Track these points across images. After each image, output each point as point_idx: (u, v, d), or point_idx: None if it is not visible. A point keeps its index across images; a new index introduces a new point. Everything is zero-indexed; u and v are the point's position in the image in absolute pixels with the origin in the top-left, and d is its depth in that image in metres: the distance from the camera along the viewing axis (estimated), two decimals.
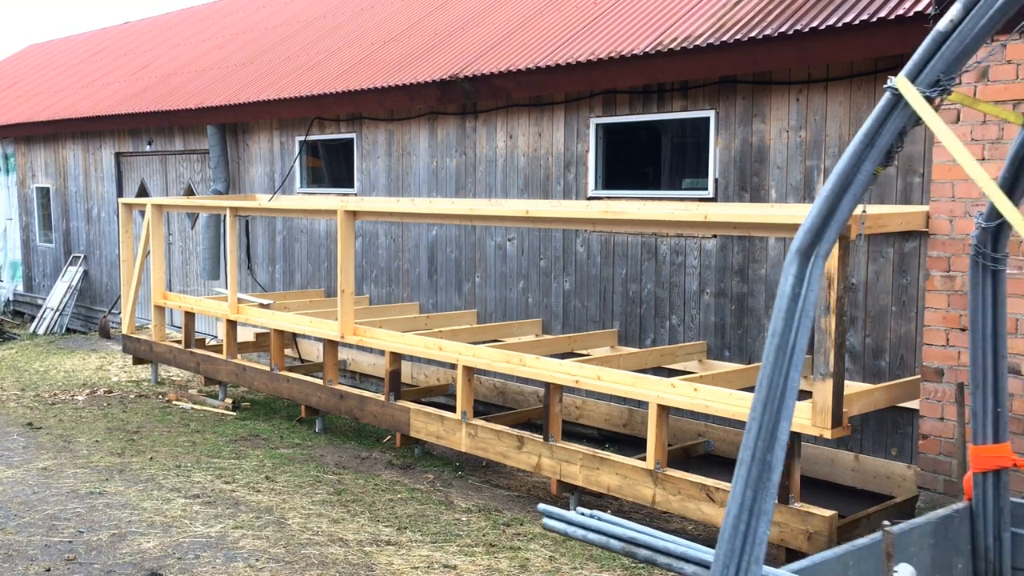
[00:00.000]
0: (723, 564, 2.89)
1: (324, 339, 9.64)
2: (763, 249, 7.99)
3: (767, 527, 2.92)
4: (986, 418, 4.02)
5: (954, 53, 2.96)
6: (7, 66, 26.56)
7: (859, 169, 3.01)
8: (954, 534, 4.01)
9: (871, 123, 2.97)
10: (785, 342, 3.01)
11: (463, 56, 10.44)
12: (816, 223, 3.09)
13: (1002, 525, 4.04)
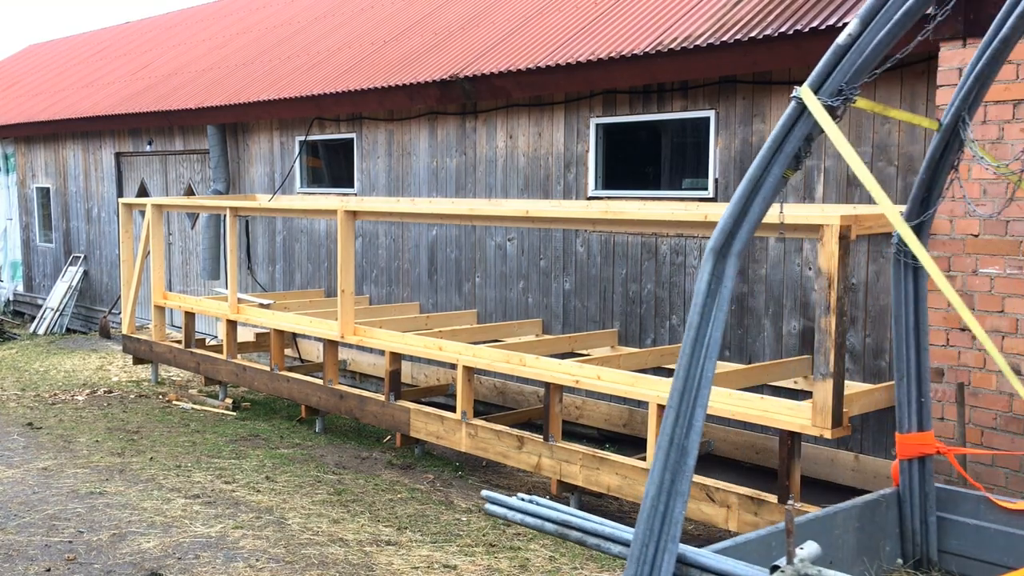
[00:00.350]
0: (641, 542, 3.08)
1: (324, 339, 9.64)
2: (763, 249, 7.99)
3: (683, 507, 3.10)
4: (911, 407, 4.15)
5: (854, 65, 3.12)
6: (7, 66, 26.57)
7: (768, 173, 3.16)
8: (881, 518, 4.14)
9: (778, 130, 3.15)
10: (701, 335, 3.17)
11: (463, 56, 10.44)
12: (728, 224, 3.20)
13: (928, 510, 4.19)
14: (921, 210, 4.08)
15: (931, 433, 4.18)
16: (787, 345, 7.88)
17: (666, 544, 3.09)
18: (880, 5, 3.10)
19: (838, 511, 4.06)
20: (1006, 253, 5.76)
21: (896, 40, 3.19)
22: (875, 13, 3.12)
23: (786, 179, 3.22)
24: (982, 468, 5.87)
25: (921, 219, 4.07)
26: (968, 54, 5.87)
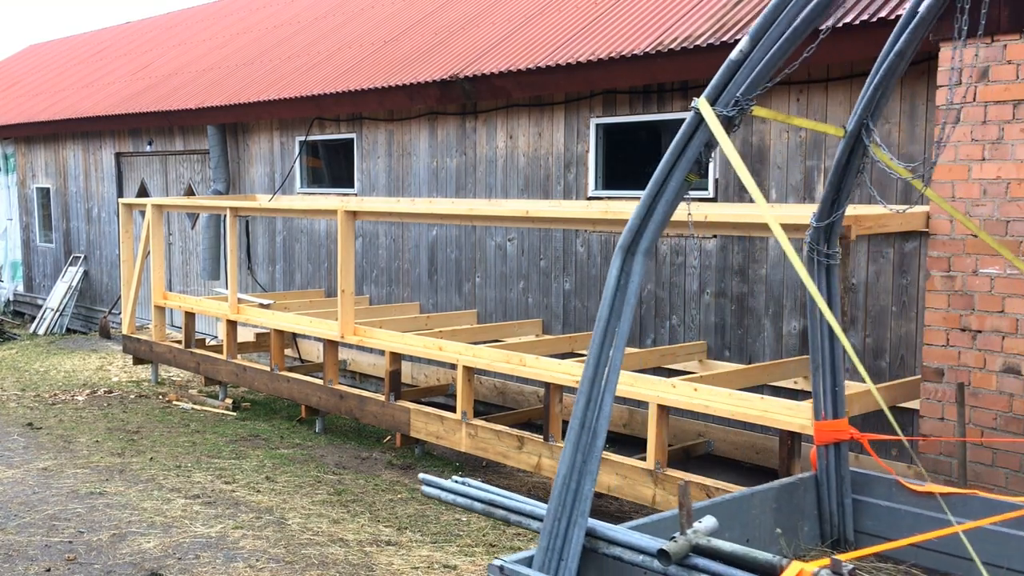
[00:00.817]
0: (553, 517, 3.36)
1: (324, 339, 9.64)
2: (763, 249, 7.99)
3: (592, 485, 3.38)
4: (826, 396, 4.38)
5: (746, 79, 3.35)
6: (7, 66, 26.57)
7: (671, 178, 3.41)
8: (800, 500, 4.37)
9: (679, 137, 3.39)
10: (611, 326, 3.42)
11: (463, 56, 10.44)
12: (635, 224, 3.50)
13: (844, 492, 4.44)
14: (831, 211, 4.33)
15: (845, 420, 4.45)
16: (787, 345, 7.88)
17: (576, 519, 3.36)
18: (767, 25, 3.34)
19: (755, 493, 4.27)
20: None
21: (786, 56, 3.41)
22: (763, 32, 3.37)
23: (689, 183, 3.43)
24: (982, 468, 5.87)
25: (832, 219, 4.32)
26: (968, 54, 5.87)
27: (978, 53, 5.81)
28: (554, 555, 3.39)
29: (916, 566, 4.16)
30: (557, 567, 3.37)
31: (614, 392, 3.38)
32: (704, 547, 3.21)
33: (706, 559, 3.17)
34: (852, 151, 4.17)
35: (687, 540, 3.21)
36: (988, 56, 5.78)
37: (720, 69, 3.40)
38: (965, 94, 5.94)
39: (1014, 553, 3.84)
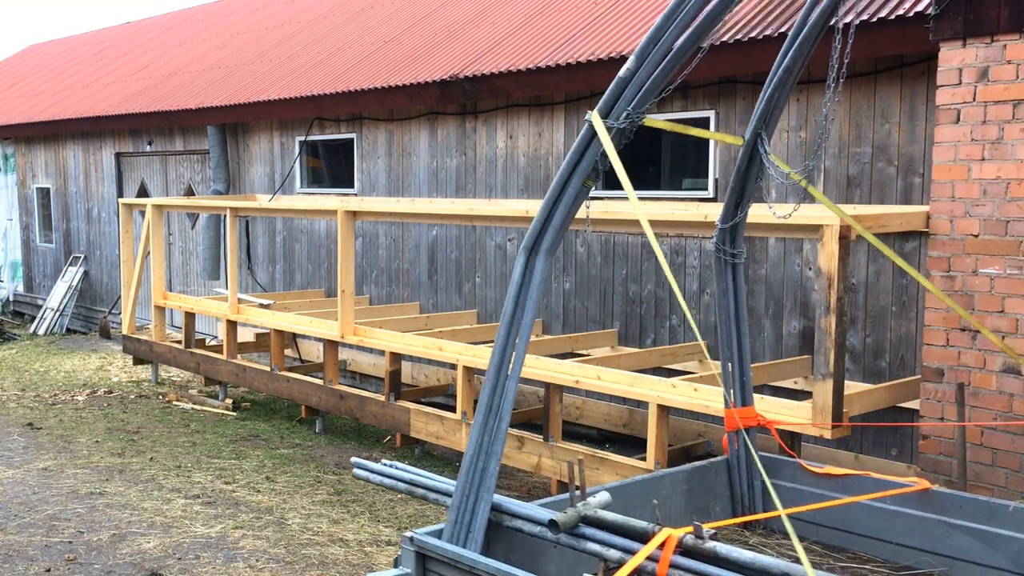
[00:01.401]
0: (461, 493, 3.71)
1: (324, 339, 9.64)
2: (763, 249, 7.99)
3: (496, 464, 3.77)
4: (735, 386, 4.69)
5: (635, 94, 3.69)
6: (7, 66, 26.57)
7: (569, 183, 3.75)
8: (711, 482, 4.70)
9: (576, 147, 3.74)
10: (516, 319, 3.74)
11: (463, 56, 10.44)
12: (537, 226, 3.76)
13: (753, 475, 4.75)
14: (735, 214, 4.65)
15: (753, 408, 4.75)
16: (787, 345, 7.88)
17: (483, 495, 3.71)
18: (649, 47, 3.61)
19: (665, 475, 4.62)
20: (1006, 253, 5.76)
21: (671, 74, 3.71)
22: (646, 54, 3.65)
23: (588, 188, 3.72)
24: (982, 468, 5.87)
25: (735, 221, 4.66)
26: (968, 54, 5.88)
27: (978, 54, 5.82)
28: (463, 528, 3.70)
29: (817, 543, 4.51)
30: (465, 539, 3.67)
31: (518, 379, 3.76)
32: (591, 517, 3.60)
33: (592, 528, 3.55)
34: (751, 159, 4.49)
35: (576, 512, 3.59)
36: (988, 56, 5.78)
37: (610, 86, 3.67)
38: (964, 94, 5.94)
39: (901, 529, 4.24)
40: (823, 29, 4.19)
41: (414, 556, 3.66)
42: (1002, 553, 4.00)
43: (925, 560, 4.21)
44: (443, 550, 3.57)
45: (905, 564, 4.23)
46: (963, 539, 4.12)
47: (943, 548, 4.17)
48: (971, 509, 4.12)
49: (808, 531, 4.58)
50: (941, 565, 4.15)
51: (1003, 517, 4.05)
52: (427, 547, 3.61)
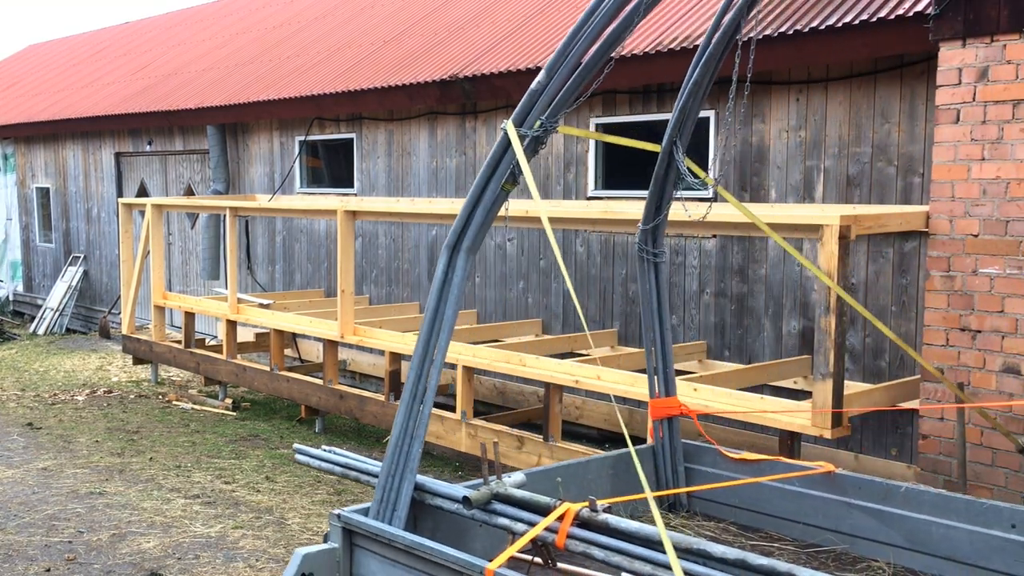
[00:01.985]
0: (387, 473, 4.01)
1: (324, 339, 9.64)
2: (763, 249, 7.99)
3: (420, 447, 4.04)
4: (659, 377, 5.00)
5: (546, 106, 3.98)
6: (7, 66, 26.57)
7: (488, 188, 3.97)
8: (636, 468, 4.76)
9: (492, 154, 3.97)
10: (439, 314, 4.03)
11: (463, 56, 10.44)
12: (459, 226, 4.03)
13: (677, 461, 5.08)
14: (655, 216, 4.98)
15: (676, 397, 5.05)
16: (787, 345, 7.88)
17: (407, 475, 4.00)
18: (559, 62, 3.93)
19: (591, 460, 4.92)
20: (1006, 253, 5.76)
21: (581, 87, 4.01)
22: (556, 68, 3.96)
23: (506, 191, 3.99)
24: (982, 468, 5.87)
25: (655, 223, 4.99)
26: (968, 54, 5.88)
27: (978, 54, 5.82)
28: (388, 506, 4.00)
29: (734, 523, 4.84)
30: (391, 516, 3.98)
31: (440, 368, 4.03)
32: (502, 495, 3.90)
33: (502, 504, 3.86)
34: (668, 166, 4.81)
35: (488, 489, 3.89)
36: (988, 56, 5.79)
37: (523, 97, 3.97)
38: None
39: (808, 509, 4.58)
40: (727, 47, 4.52)
41: (341, 531, 3.93)
42: (896, 531, 4.30)
43: (829, 538, 4.52)
44: (366, 525, 3.87)
45: (812, 542, 4.54)
46: (862, 518, 4.41)
47: (844, 527, 4.47)
48: (869, 490, 4.41)
49: (726, 513, 4.92)
50: (843, 543, 4.46)
51: (896, 498, 4.35)
52: (352, 523, 3.89)
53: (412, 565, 3.66)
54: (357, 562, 3.94)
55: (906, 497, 4.33)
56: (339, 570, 3.95)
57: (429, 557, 3.58)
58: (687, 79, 4.64)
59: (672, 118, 4.73)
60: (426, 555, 3.59)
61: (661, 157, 4.80)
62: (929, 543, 4.19)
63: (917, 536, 4.24)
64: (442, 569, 3.54)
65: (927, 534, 4.19)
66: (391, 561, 3.78)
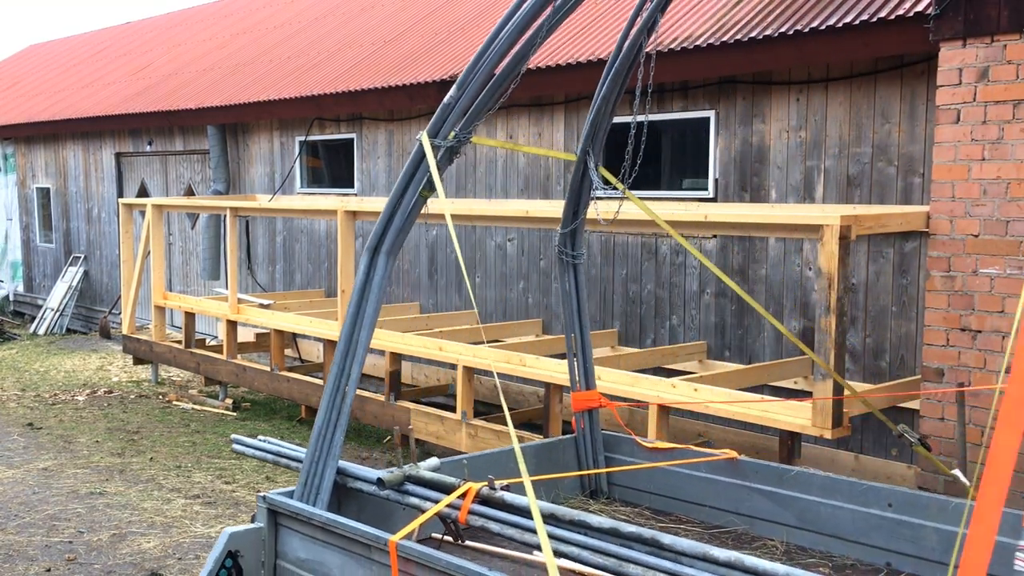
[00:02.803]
0: (311, 459, 4.30)
1: (324, 339, 9.63)
2: (763, 249, 7.99)
3: (342, 435, 4.35)
4: (579, 372, 5.30)
5: (458, 118, 4.18)
6: (7, 66, 26.57)
7: (406, 194, 4.26)
8: (559, 457, 5.33)
9: (409, 163, 4.23)
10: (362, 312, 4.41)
11: (463, 56, 10.44)
12: (379, 230, 4.30)
13: (597, 451, 5.38)
14: (572, 220, 5.30)
15: (596, 391, 5.34)
16: (787, 345, 7.88)
17: (329, 461, 4.29)
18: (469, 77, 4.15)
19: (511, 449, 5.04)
20: (1006, 253, 5.76)
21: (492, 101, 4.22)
22: (466, 83, 4.17)
23: (424, 197, 4.26)
24: (982, 468, 5.87)
25: (573, 226, 5.32)
26: (968, 54, 5.88)
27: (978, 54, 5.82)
28: (312, 489, 4.30)
29: (648, 508, 5.15)
30: (315, 499, 4.25)
31: (362, 362, 4.46)
32: (414, 476, 4.23)
33: (413, 484, 4.20)
34: (583, 174, 5.12)
35: (402, 471, 4.23)
36: (988, 56, 5.78)
37: (437, 110, 4.21)
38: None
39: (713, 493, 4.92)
40: (633, 61, 4.85)
41: (266, 512, 4.24)
42: (789, 511, 4.62)
43: (731, 520, 4.85)
44: (287, 505, 4.18)
45: (716, 524, 4.88)
46: (760, 500, 4.75)
47: (745, 509, 4.81)
48: (766, 475, 4.74)
49: (642, 498, 5.27)
50: (744, 523, 4.81)
51: (788, 481, 4.68)
52: (276, 504, 4.20)
53: (328, 541, 3.98)
54: (281, 540, 4.24)
55: (797, 480, 4.64)
56: (264, 548, 4.23)
57: (342, 532, 3.89)
58: (596, 95, 4.96)
59: (584, 130, 5.03)
60: (339, 530, 3.90)
61: (576, 166, 5.14)
62: (817, 522, 4.46)
63: (807, 516, 4.54)
64: (353, 543, 3.85)
65: (816, 514, 4.47)
66: (310, 538, 4.08)
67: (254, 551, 4.23)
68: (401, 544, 3.60)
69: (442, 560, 3.45)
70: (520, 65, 4.28)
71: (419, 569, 3.54)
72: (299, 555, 4.15)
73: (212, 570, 4.11)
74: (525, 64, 4.30)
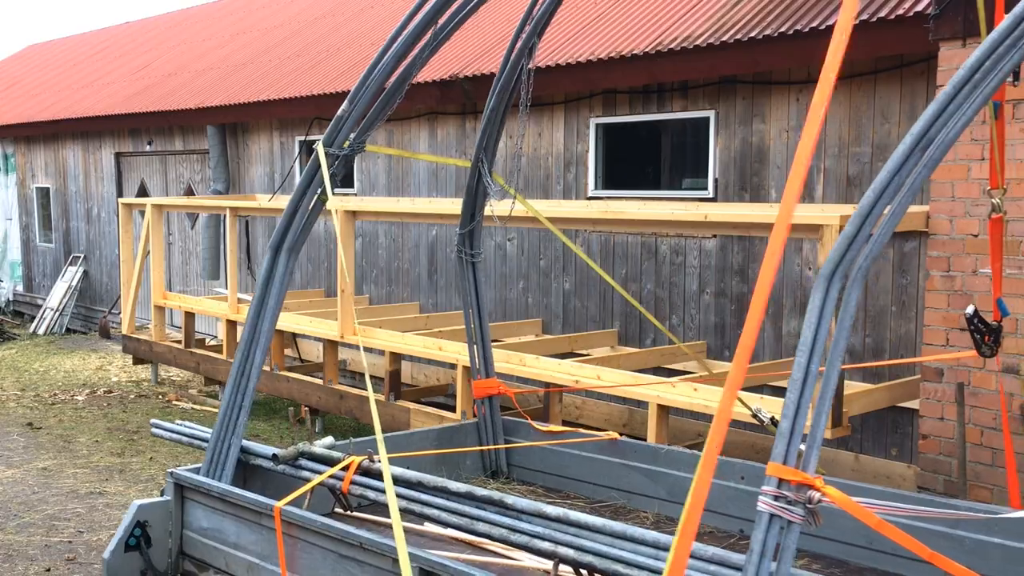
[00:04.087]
0: (216, 437, 4.79)
1: (324, 339, 9.64)
2: (763, 249, 7.99)
3: (246, 416, 4.83)
4: (480, 362, 5.83)
5: (351, 130, 4.66)
6: (7, 66, 26.57)
7: (304, 197, 4.71)
8: (461, 441, 5.78)
9: (308, 169, 4.66)
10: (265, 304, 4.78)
11: (463, 56, 10.44)
12: (281, 230, 4.74)
13: (497, 434, 5.86)
14: (470, 220, 5.73)
15: (495, 379, 5.88)
16: (787, 345, 7.88)
17: (233, 440, 4.77)
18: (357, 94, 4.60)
19: (415, 433, 5.75)
20: (1006, 253, 5.75)
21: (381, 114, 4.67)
22: (356, 97, 4.60)
23: (322, 201, 4.66)
24: (982, 468, 5.87)
25: (470, 227, 5.76)
26: (968, 54, 5.87)
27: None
28: (218, 466, 4.74)
29: (542, 486, 5.56)
30: (220, 474, 4.69)
31: (265, 349, 4.81)
32: (306, 452, 4.72)
33: (307, 460, 4.69)
34: (477, 180, 5.55)
35: (296, 448, 4.72)
36: None
37: (332, 122, 4.61)
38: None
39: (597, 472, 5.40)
40: (516, 77, 5.27)
41: (173, 486, 4.70)
42: (661, 486, 5.07)
43: (612, 495, 5.30)
44: (190, 479, 4.65)
45: (600, 500, 5.32)
46: (637, 477, 5.17)
47: (624, 485, 5.26)
48: (642, 453, 5.19)
49: (537, 478, 5.69)
50: (623, 498, 5.25)
51: (662, 459, 5.11)
52: (182, 479, 4.68)
53: (225, 510, 4.45)
54: (187, 511, 4.70)
55: (668, 458, 5.12)
56: (171, 519, 4.70)
57: (236, 501, 4.37)
58: (486, 108, 5.39)
59: (477, 139, 5.43)
60: (233, 500, 4.38)
61: (471, 173, 5.59)
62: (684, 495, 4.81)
63: (676, 490, 4.97)
64: (246, 511, 4.33)
65: (683, 488, 4.77)
66: (211, 508, 4.54)
67: (161, 522, 4.66)
68: (284, 509, 4.07)
69: (317, 522, 3.94)
70: (404, 84, 4.71)
71: (299, 531, 4.02)
72: (202, 524, 4.61)
73: (121, 538, 4.52)
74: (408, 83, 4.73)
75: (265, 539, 4.19)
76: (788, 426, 2.74)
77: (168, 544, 4.65)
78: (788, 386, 2.76)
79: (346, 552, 3.80)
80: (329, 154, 4.63)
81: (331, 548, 3.87)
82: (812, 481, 2.67)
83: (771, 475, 2.72)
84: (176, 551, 4.68)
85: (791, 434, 2.73)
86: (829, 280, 2.91)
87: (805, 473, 2.68)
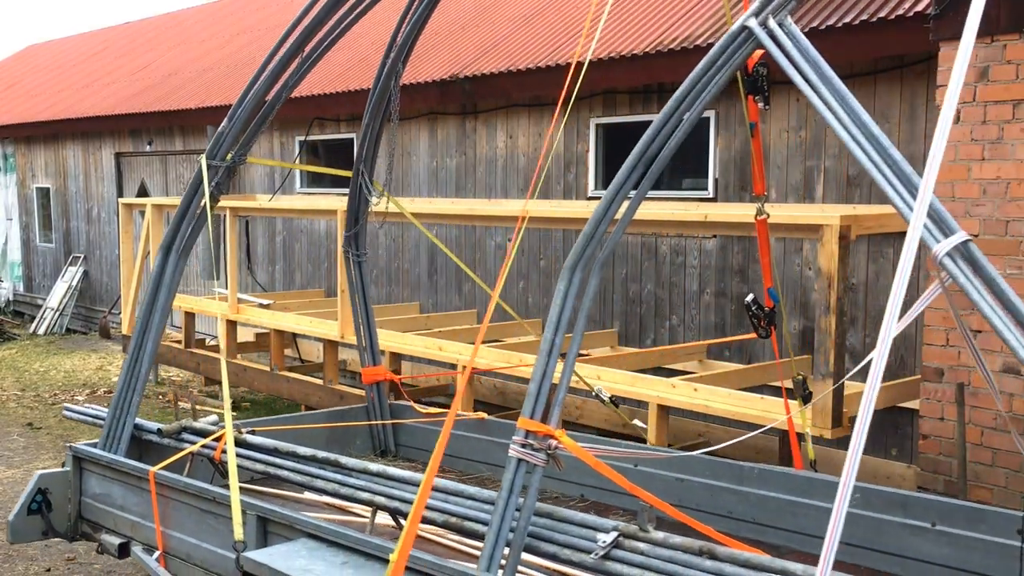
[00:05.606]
0: (111, 417, 5.38)
1: (324, 339, 9.63)
2: None
3: (139, 398, 5.47)
4: (367, 353, 6.38)
5: (231, 145, 5.44)
6: (7, 66, 26.57)
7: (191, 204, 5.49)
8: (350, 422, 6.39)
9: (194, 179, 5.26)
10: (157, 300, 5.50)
11: (463, 56, 10.44)
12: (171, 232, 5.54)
13: (385, 416, 6.43)
14: (355, 224, 6.21)
15: (383, 367, 6.43)
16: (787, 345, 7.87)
17: (127, 419, 5.36)
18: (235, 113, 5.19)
19: (303, 416, 6.48)
20: (1006, 253, 5.76)
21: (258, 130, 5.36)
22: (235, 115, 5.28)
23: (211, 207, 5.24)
24: (982, 468, 5.87)
25: (355, 230, 6.24)
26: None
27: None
28: (114, 441, 5.34)
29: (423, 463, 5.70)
30: (116, 448, 5.28)
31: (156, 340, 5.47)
32: (188, 427, 5.40)
33: (189, 434, 5.33)
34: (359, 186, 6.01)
35: (179, 423, 5.41)
36: (988, 56, 5.78)
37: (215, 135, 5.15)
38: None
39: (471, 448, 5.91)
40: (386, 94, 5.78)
41: (72, 458, 5.36)
42: None
43: (481, 469, 5.87)
44: (85, 452, 5.32)
45: (470, 473, 5.83)
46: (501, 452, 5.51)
47: (493, 460, 5.76)
48: (506, 431, 5.48)
49: (420, 455, 6.19)
50: (490, 471, 5.79)
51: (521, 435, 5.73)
52: (79, 452, 5.34)
53: (113, 477, 5.15)
54: (84, 480, 5.36)
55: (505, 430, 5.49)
56: (70, 488, 5.33)
57: (120, 468, 5.08)
58: (363, 122, 5.96)
59: (356, 150, 5.86)
60: (118, 467, 5.10)
61: (352, 180, 6.05)
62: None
63: None
64: (128, 476, 5.03)
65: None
66: (103, 476, 5.23)
67: (61, 489, 5.32)
68: (158, 473, 4.79)
69: (181, 482, 4.70)
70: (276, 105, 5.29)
71: (169, 491, 4.75)
72: (96, 491, 5.29)
73: (24, 503, 5.15)
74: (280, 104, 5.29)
75: (144, 500, 4.89)
76: (535, 388, 3.57)
77: (68, 509, 5.33)
78: (537, 356, 3.56)
79: (204, 507, 4.57)
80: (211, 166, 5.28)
81: (194, 504, 4.62)
82: (552, 431, 3.38)
83: (521, 427, 3.46)
84: (75, 515, 5.36)
85: (538, 394, 3.53)
86: (572, 271, 3.61)
87: (547, 426, 3.38)
